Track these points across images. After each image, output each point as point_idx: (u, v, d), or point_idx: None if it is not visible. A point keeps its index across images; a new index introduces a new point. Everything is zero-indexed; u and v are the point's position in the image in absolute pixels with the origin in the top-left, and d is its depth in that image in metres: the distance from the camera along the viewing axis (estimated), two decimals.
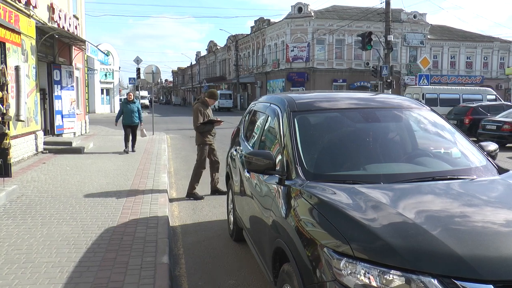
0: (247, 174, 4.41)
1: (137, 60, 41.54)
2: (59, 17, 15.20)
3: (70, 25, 16.47)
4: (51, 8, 14.67)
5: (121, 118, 13.71)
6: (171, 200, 7.85)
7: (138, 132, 14.09)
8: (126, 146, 13.44)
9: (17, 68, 9.50)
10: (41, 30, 13.15)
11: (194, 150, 14.01)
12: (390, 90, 26.55)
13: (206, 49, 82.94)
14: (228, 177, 6.05)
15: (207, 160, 8.28)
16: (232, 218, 5.79)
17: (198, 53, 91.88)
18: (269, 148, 4.18)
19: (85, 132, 19.66)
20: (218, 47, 74.23)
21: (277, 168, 3.53)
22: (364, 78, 45.93)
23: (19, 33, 7.83)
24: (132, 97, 13.71)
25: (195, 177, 8.06)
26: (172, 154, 13.97)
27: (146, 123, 16.98)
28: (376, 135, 3.98)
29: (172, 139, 18.65)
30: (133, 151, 13.44)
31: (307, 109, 4.02)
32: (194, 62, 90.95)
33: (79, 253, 4.96)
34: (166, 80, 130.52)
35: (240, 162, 5.05)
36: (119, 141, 16.18)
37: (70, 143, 13.65)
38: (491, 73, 51.90)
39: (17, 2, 11.21)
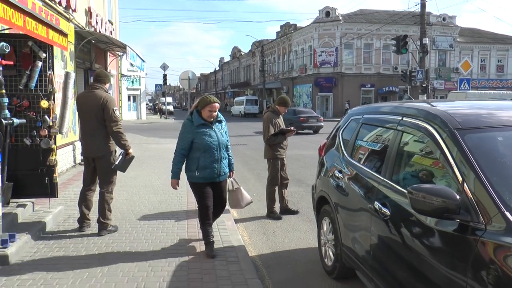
0: (385, 209, 3.37)
1: (164, 67, 41.41)
2: (96, 22, 14.60)
3: (105, 30, 15.84)
4: (88, 13, 14.07)
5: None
6: (236, 221, 6.86)
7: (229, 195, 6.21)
8: (209, 244, 5.19)
9: (67, 75, 8.64)
10: (79, 34, 12.58)
11: (245, 162, 13.33)
12: (426, 95, 25.48)
13: (229, 55, 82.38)
14: (322, 202, 5.10)
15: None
16: (331, 254, 4.82)
17: (221, 59, 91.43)
18: (418, 179, 3.28)
19: None
20: (242, 53, 73.88)
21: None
22: (392, 83, 45.16)
23: (66, 35, 7.16)
24: (216, 110, 5.63)
25: (270, 196, 7.33)
26: None
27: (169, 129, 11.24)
28: None
29: None
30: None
31: (476, 126, 3.06)
32: (217, 68, 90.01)
33: None
34: None
35: (360, 188, 4.01)
36: (157, 150, 15.41)
37: None
38: None
39: (58, 5, 10.66)
